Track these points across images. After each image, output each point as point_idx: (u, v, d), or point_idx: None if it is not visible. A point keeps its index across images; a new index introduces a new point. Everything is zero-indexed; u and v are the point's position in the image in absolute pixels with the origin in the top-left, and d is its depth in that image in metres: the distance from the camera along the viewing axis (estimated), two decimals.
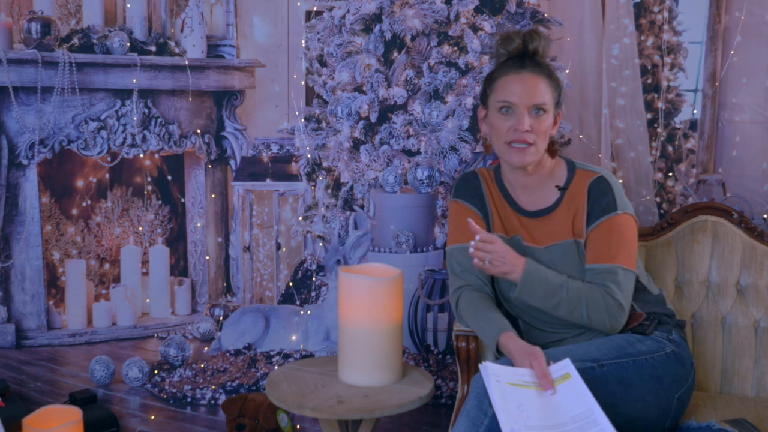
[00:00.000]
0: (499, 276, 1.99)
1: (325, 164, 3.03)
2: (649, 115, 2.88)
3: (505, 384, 1.72)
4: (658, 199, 2.87)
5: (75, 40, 2.94)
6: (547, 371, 1.75)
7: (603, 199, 2.00)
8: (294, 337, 3.00)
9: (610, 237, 1.97)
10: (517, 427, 1.64)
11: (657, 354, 1.90)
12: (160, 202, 3.21)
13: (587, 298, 1.92)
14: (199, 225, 3.17)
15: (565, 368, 1.75)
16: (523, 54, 2.02)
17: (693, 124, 2.87)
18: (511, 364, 1.84)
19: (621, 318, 1.95)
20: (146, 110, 3.01)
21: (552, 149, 2.08)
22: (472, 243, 1.92)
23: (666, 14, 2.84)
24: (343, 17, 2.92)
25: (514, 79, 1.99)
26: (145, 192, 3.19)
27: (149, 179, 3.19)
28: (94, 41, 2.95)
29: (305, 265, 3.07)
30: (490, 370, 1.74)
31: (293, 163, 3.06)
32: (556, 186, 2.06)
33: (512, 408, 1.67)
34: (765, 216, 2.71)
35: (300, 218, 3.07)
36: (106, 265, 3.18)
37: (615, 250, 1.95)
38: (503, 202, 2.11)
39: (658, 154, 2.86)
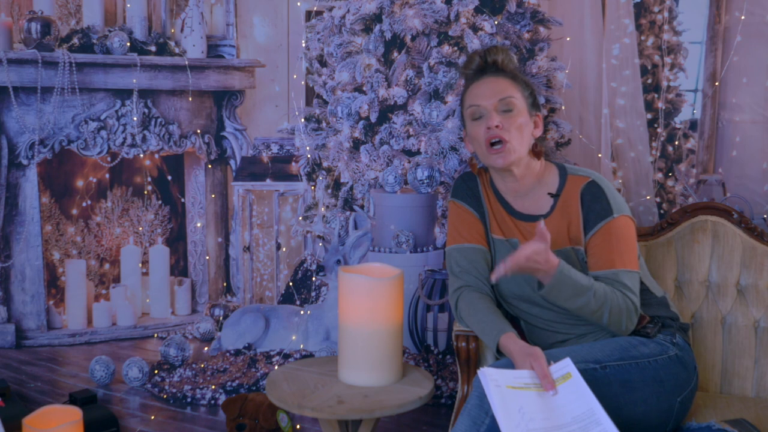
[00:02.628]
0: (527, 273, 1.87)
1: (325, 164, 3.03)
2: (649, 115, 2.88)
3: (504, 388, 1.71)
4: (658, 199, 2.87)
5: (75, 40, 2.94)
6: (547, 372, 1.75)
7: (597, 204, 1.99)
8: (294, 337, 3.00)
9: (609, 242, 1.97)
10: (519, 431, 1.63)
11: (660, 357, 1.90)
12: (160, 202, 3.21)
13: (611, 301, 1.90)
14: (199, 225, 3.17)
15: (565, 368, 1.75)
16: (483, 67, 2.09)
17: (693, 124, 2.87)
18: (511, 364, 1.84)
19: (635, 320, 1.95)
20: (146, 110, 3.01)
21: (536, 151, 2.08)
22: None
23: (666, 14, 2.84)
24: (343, 17, 2.92)
25: (477, 85, 2.06)
26: (145, 192, 3.19)
27: (149, 179, 3.19)
28: (94, 41, 2.95)
29: (305, 265, 3.07)
30: (488, 375, 1.73)
31: (293, 163, 3.06)
32: (549, 193, 2.06)
33: (513, 411, 1.66)
34: (765, 216, 2.71)
35: (300, 218, 3.07)
36: (106, 265, 3.18)
37: (616, 255, 1.96)
38: (498, 204, 2.12)
39: (658, 154, 2.86)
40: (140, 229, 3.18)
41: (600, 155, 2.87)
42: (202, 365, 3.00)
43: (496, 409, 1.67)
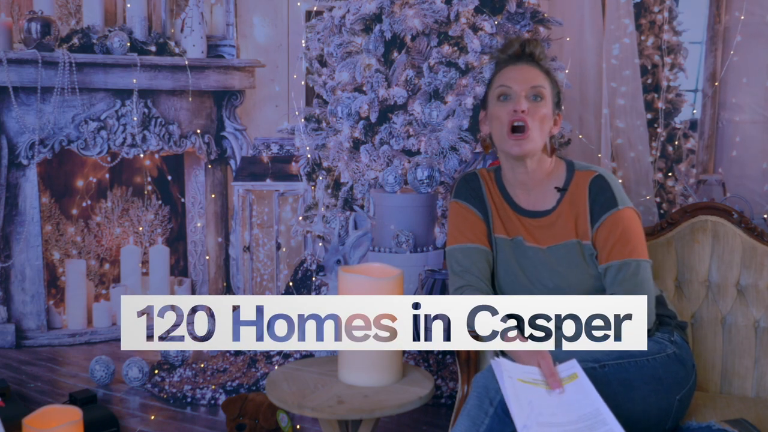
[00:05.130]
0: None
1: (325, 164, 3.03)
2: (649, 115, 2.88)
3: (516, 380, 1.73)
4: (658, 199, 2.87)
5: (75, 40, 2.94)
6: (554, 370, 1.75)
7: (602, 196, 2.01)
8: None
9: (616, 233, 1.98)
10: (529, 423, 1.64)
11: (658, 355, 1.90)
12: (160, 202, 3.21)
13: None
14: (199, 225, 3.17)
15: (572, 368, 1.76)
16: (520, 55, 2.10)
17: (693, 124, 2.87)
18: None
19: (654, 310, 1.96)
20: (146, 110, 3.01)
21: (550, 149, 2.09)
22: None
23: (666, 14, 2.84)
24: (343, 17, 2.92)
25: (512, 68, 2.07)
26: (145, 192, 3.19)
27: (149, 179, 3.19)
28: (94, 41, 2.95)
29: (305, 265, 3.07)
30: (502, 365, 1.75)
31: (293, 163, 3.06)
32: (555, 187, 2.07)
33: (524, 404, 1.68)
34: (765, 216, 2.71)
35: (300, 218, 3.07)
36: (106, 265, 3.18)
37: (623, 244, 1.97)
38: (503, 202, 2.12)
39: (658, 154, 2.86)
40: (140, 229, 3.18)
41: (600, 155, 2.87)
42: (202, 365, 3.00)
43: (509, 398, 1.68)
